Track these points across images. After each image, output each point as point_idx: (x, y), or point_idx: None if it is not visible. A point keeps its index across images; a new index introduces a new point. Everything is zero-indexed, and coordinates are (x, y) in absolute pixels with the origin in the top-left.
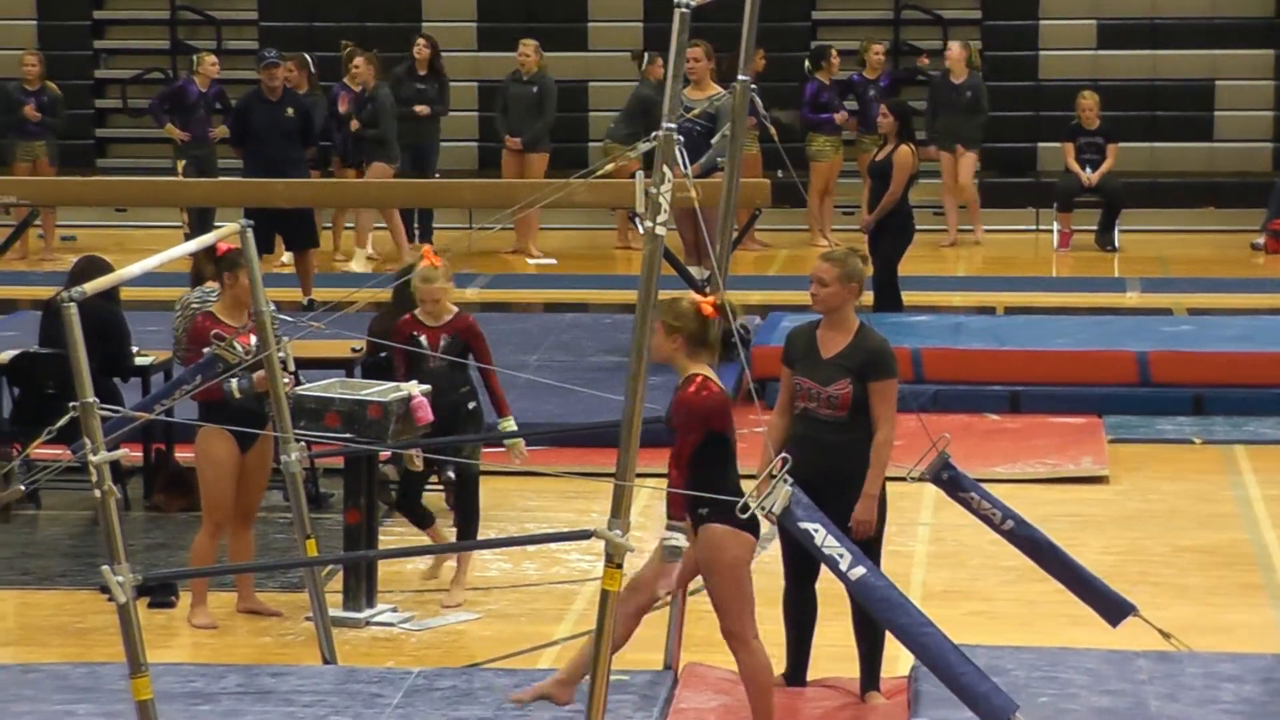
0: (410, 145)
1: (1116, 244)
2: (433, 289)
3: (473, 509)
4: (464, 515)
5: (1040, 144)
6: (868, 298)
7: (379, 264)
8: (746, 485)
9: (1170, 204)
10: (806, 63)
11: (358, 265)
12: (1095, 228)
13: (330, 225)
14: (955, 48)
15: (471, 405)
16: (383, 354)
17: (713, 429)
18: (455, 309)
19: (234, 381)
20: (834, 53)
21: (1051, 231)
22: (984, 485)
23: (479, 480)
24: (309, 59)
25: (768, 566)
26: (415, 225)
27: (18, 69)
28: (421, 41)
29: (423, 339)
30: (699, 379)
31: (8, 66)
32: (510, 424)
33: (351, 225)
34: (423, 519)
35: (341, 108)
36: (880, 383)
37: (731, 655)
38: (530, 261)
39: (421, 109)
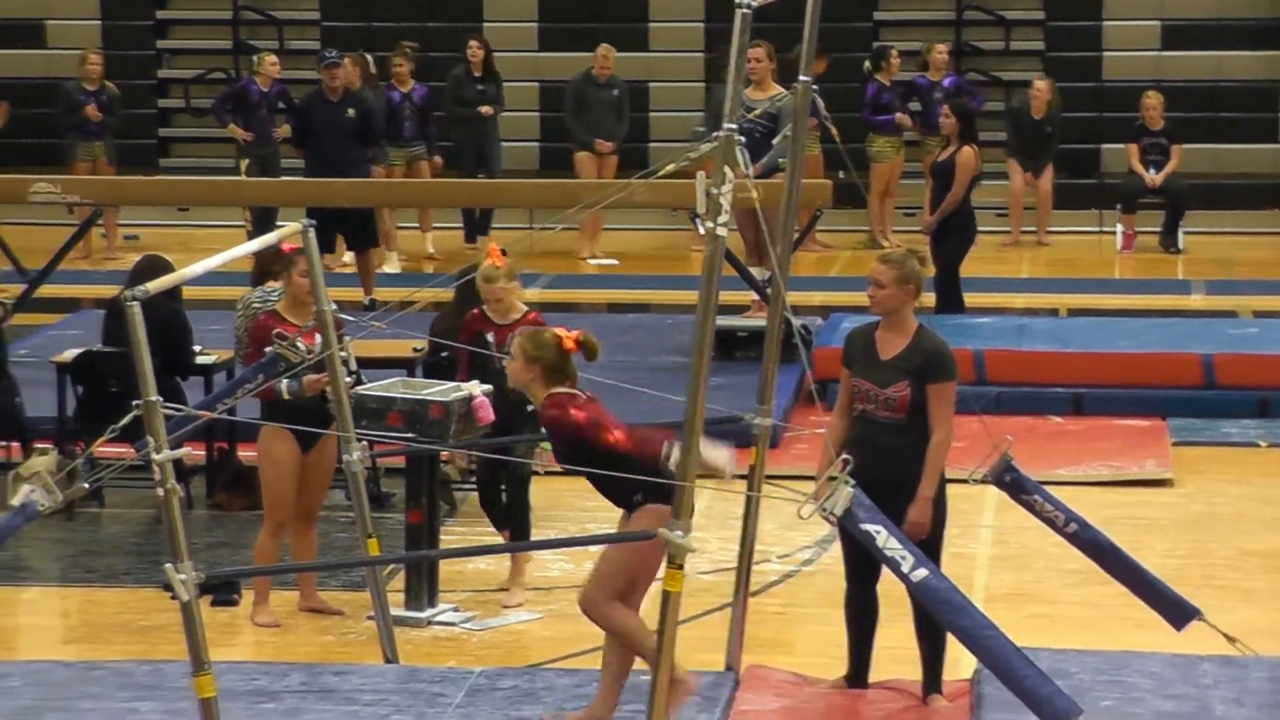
0: (473, 145)
1: (1180, 246)
2: (494, 288)
3: (523, 508)
4: (513, 518)
5: (1104, 145)
6: (929, 299)
7: (440, 263)
8: (805, 486)
9: (1234, 205)
10: (866, 63)
11: (390, 267)
12: (1159, 229)
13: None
14: (1042, 88)
15: (531, 406)
16: (444, 354)
17: (594, 430)
18: (524, 308)
19: (284, 383)
20: (894, 53)
21: (1115, 233)
22: (1047, 488)
23: (529, 481)
24: (368, 59)
25: (829, 568)
26: (475, 224)
27: (79, 69)
28: (475, 43)
29: (490, 337)
30: (553, 396)
31: (69, 66)
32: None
33: (415, 225)
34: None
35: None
36: (938, 385)
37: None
38: (591, 262)
39: (485, 109)
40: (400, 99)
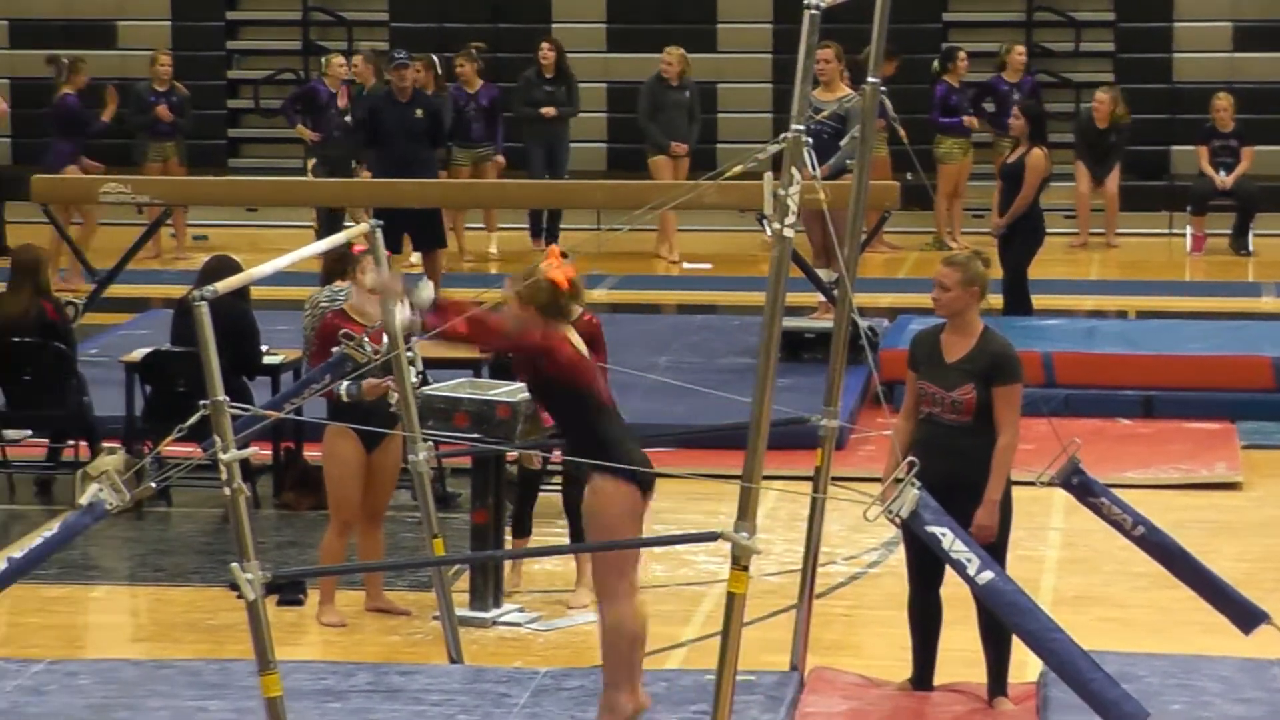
0: (541, 147)
1: (1251, 248)
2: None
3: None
4: (576, 515)
5: (1174, 147)
6: (997, 301)
7: (504, 263)
8: (872, 488)
9: None
10: (935, 64)
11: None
12: (1229, 231)
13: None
14: (1103, 98)
15: None
16: (510, 354)
17: (555, 372)
18: (579, 308)
19: (344, 385)
20: (961, 54)
21: (1185, 235)
22: (1115, 491)
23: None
24: (436, 60)
25: (896, 570)
26: (542, 226)
27: (150, 69)
28: (546, 45)
29: None
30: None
31: (140, 67)
32: None
33: (480, 225)
34: (522, 527)
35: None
36: (1004, 387)
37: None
38: (686, 266)
39: (548, 110)
40: (466, 100)
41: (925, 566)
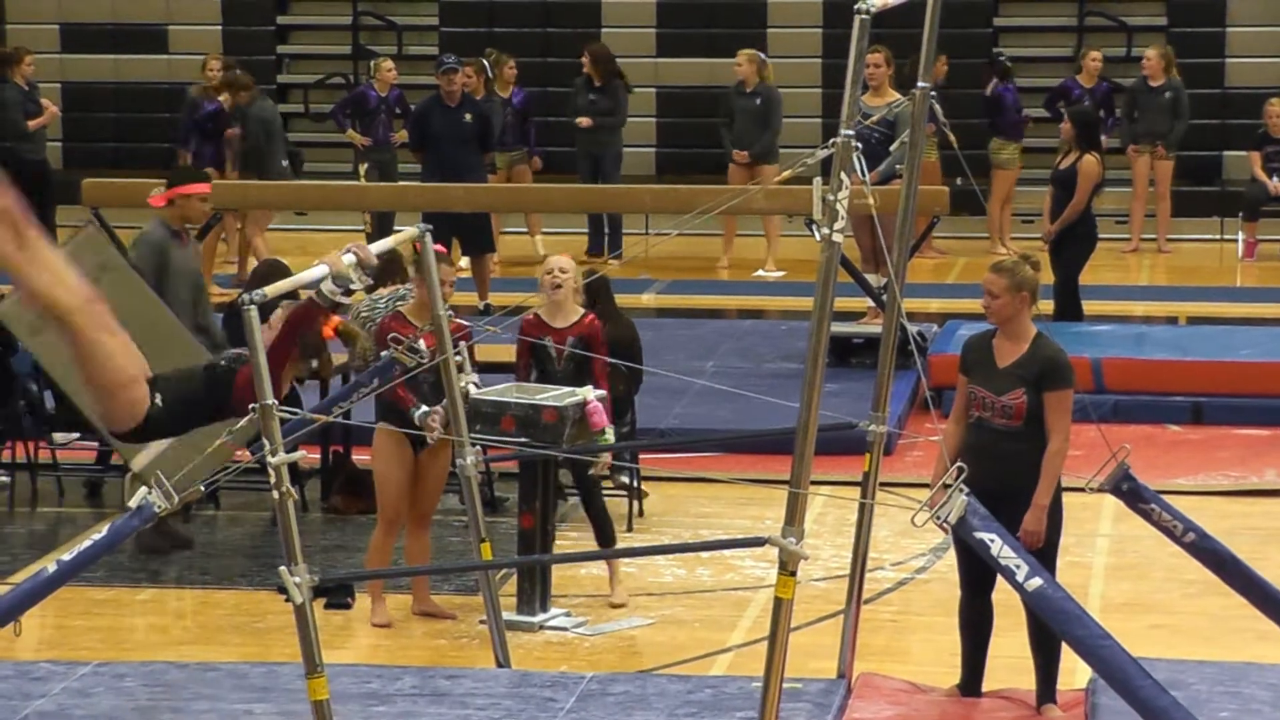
0: (586, 155)
1: None
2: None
3: (601, 514)
4: (595, 521)
5: (1226, 152)
6: (1048, 306)
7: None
8: (920, 494)
9: None
10: (1004, 63)
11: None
12: None
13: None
14: (1151, 53)
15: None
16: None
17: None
18: (582, 311)
19: (417, 413)
20: (1004, 61)
21: (1236, 241)
22: (1165, 497)
23: (599, 487)
24: (486, 64)
25: (944, 575)
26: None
27: (201, 74)
28: (586, 57)
29: (548, 340)
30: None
31: (191, 71)
32: (604, 437)
33: (522, 229)
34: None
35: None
36: (1055, 393)
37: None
38: (760, 272)
39: (582, 120)
40: (500, 103)
41: (976, 572)
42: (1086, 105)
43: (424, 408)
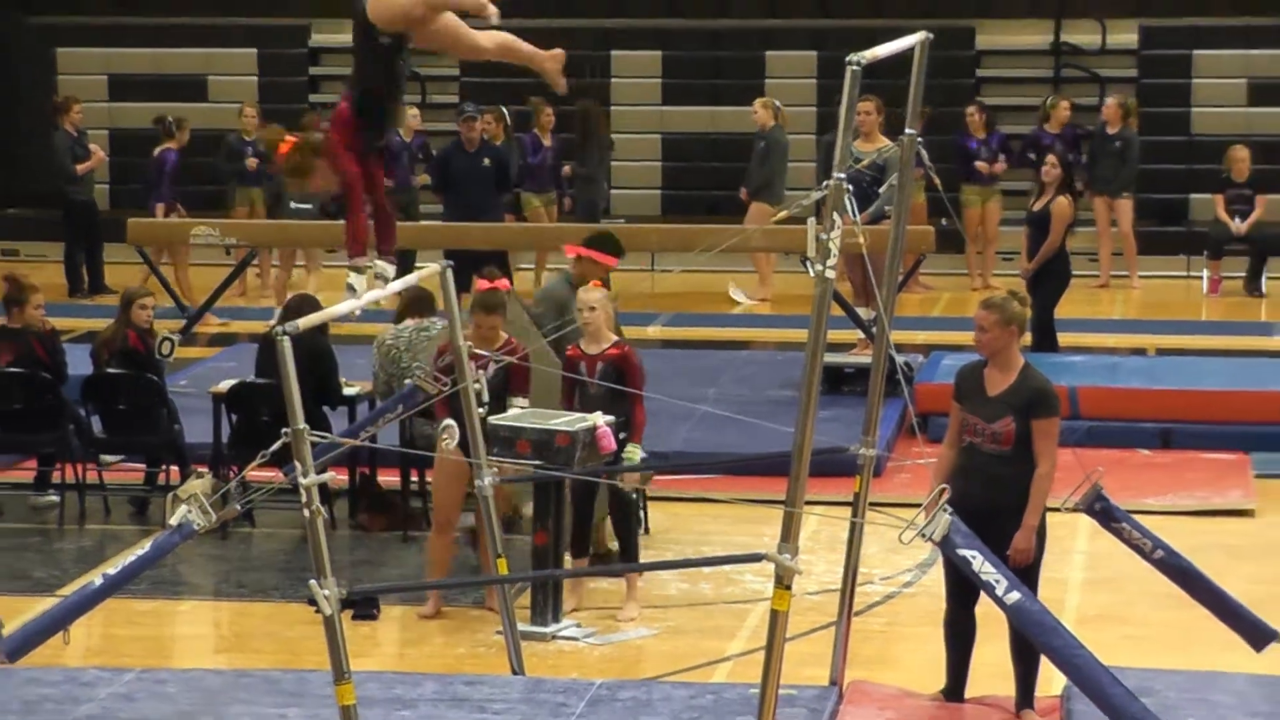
0: (581, 197)
1: (1264, 290)
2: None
3: (630, 533)
4: (620, 536)
5: (1193, 195)
6: (1025, 339)
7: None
8: (907, 513)
9: None
10: (974, 116)
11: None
12: (1244, 274)
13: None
14: (1111, 102)
15: (622, 435)
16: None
17: None
18: (614, 338)
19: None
20: (971, 110)
21: (1202, 278)
22: (1135, 516)
23: (634, 506)
24: (505, 111)
25: (930, 589)
26: None
27: (238, 120)
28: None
29: (583, 365)
30: None
31: (229, 118)
32: (635, 452)
33: (529, 266)
34: (581, 547)
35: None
36: (1042, 420)
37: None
38: (733, 293)
39: (566, 169)
40: (540, 149)
41: (962, 586)
42: (1060, 150)
43: (448, 421)
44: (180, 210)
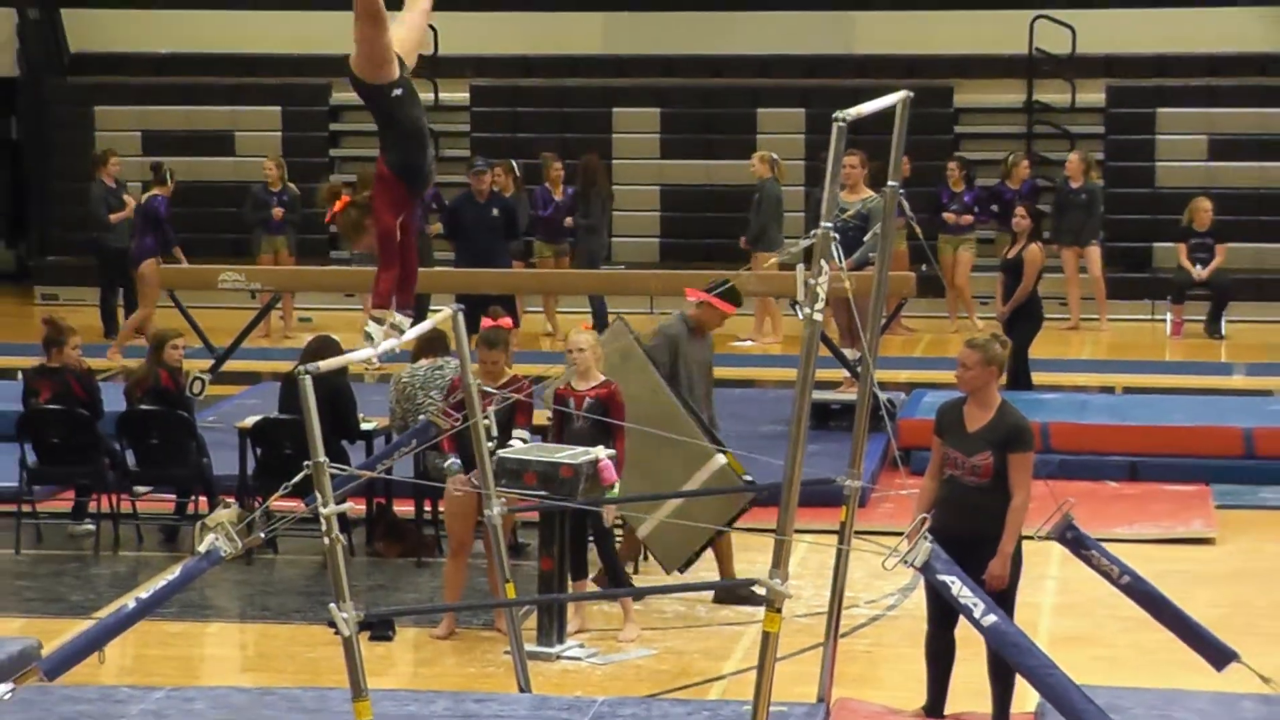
0: (581, 248)
1: (1224, 333)
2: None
3: (611, 556)
4: (605, 563)
5: (1156, 243)
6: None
7: (558, 340)
8: (890, 541)
9: (1273, 298)
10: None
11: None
12: (1204, 318)
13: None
14: (1073, 158)
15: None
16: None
17: None
18: (602, 376)
19: (452, 464)
20: (952, 165)
21: (1166, 321)
22: (1104, 544)
23: (610, 534)
24: (515, 165)
25: (911, 612)
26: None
27: (263, 173)
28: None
29: (570, 401)
30: None
31: (255, 171)
32: (612, 491)
33: (537, 309)
34: (580, 570)
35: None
36: (1018, 455)
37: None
38: (742, 343)
39: (568, 221)
40: (551, 202)
41: (942, 609)
42: (1028, 201)
43: (453, 459)
44: (179, 255)
